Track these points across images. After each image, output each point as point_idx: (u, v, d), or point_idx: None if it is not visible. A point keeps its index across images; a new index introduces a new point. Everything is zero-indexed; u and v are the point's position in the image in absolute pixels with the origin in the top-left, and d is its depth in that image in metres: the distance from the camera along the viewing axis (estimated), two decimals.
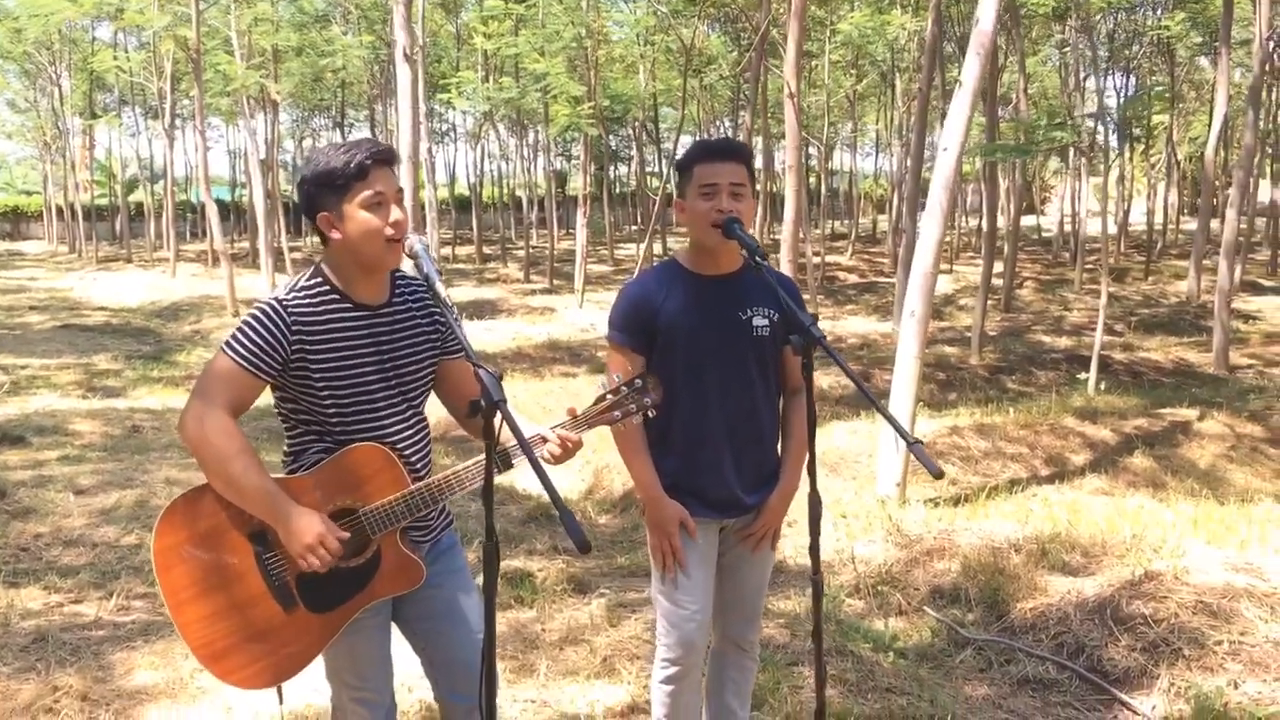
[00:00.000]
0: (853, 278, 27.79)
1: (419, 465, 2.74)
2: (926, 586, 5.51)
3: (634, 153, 36.17)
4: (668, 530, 3.16)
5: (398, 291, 2.76)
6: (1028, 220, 35.27)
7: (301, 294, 2.62)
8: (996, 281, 20.08)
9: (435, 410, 2.85)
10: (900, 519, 6.37)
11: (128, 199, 39.79)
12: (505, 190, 41.98)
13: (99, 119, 32.58)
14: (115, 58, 27.74)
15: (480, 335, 17.51)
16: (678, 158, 3.41)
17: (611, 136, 34.85)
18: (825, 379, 13.06)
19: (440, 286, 2.55)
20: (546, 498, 6.41)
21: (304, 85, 29.53)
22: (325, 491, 2.61)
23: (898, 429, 2.50)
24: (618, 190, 44.84)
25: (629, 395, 2.71)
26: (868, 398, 2.54)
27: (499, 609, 5.04)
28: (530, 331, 17.99)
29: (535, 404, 10.41)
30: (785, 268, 10.97)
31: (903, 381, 7.33)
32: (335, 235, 2.61)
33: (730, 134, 36.17)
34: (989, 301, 16.69)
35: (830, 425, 9.08)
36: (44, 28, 25.90)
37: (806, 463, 2.86)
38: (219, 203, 27.87)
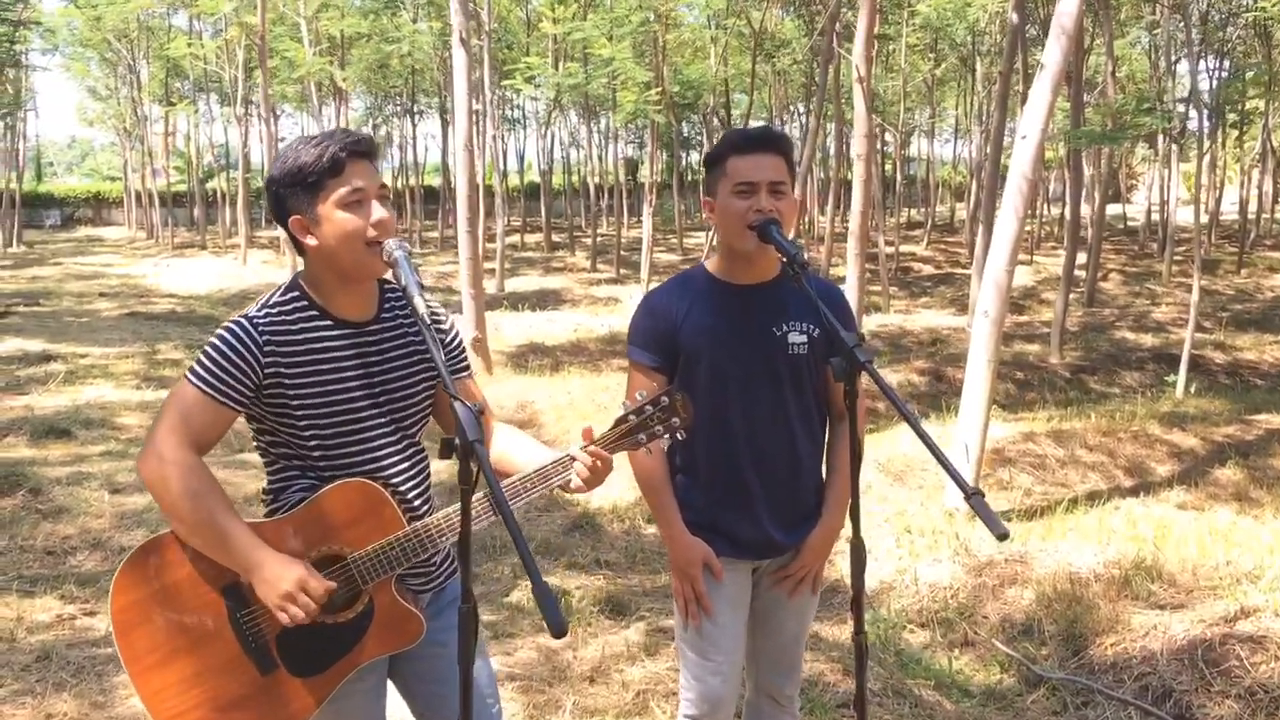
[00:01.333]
0: (928, 268, 26.91)
1: (417, 503, 2.39)
2: (996, 616, 5.06)
3: (705, 139, 35.65)
4: (690, 573, 2.79)
5: (387, 305, 2.43)
6: (1113, 208, 34.00)
7: (275, 310, 2.30)
8: (1079, 273, 19.22)
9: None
10: (969, 538, 5.91)
11: (205, 185, 40.41)
12: (576, 177, 41.69)
13: (175, 106, 33.02)
14: (190, 45, 28.03)
15: (542, 326, 17.25)
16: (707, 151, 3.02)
17: (683, 123, 34.30)
18: (891, 377, 12.53)
19: (419, 301, 2.19)
20: (593, 505, 5.97)
21: (371, 72, 29.53)
22: (307, 536, 2.27)
23: (956, 479, 2.11)
24: (689, 178, 44.28)
25: (653, 416, 2.33)
26: (924, 441, 2.14)
27: (528, 633, 4.72)
28: (592, 323, 17.66)
29: (589, 400, 10.05)
30: (853, 259, 10.49)
31: (974, 388, 6.83)
32: (310, 241, 2.29)
33: (803, 120, 35.50)
34: (1071, 294, 15.90)
35: (896, 429, 8.58)
36: (121, 15, 26.26)
37: (850, 505, 2.47)
38: None
